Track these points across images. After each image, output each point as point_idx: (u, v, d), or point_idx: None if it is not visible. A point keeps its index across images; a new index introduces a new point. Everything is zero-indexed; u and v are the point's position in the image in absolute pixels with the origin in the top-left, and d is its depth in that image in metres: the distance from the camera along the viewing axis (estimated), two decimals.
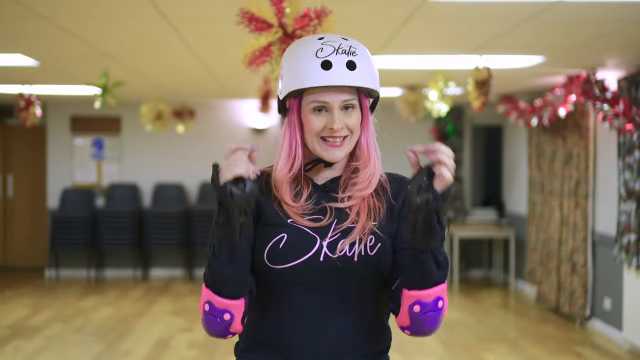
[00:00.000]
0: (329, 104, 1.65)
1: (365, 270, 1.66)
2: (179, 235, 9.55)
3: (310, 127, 1.67)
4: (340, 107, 1.66)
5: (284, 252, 1.65)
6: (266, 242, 1.67)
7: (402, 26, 4.39)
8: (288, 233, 1.66)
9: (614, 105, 5.80)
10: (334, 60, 1.63)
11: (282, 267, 1.65)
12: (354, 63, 1.64)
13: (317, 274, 1.65)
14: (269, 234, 1.68)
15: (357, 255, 1.65)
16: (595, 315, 6.93)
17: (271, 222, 1.69)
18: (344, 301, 1.67)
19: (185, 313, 7.61)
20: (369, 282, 1.68)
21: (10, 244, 10.43)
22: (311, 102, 1.66)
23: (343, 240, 1.66)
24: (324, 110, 1.66)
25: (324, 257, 1.65)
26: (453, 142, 9.71)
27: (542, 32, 4.63)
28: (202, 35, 4.70)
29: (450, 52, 5.38)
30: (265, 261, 1.66)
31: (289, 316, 1.68)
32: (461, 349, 6.26)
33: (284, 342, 1.68)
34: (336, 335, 1.67)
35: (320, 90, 1.65)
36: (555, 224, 7.58)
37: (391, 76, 6.67)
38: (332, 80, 1.62)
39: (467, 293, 8.87)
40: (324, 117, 1.66)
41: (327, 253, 1.65)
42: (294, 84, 1.66)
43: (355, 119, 1.68)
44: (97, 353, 6.06)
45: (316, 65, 1.63)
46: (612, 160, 6.50)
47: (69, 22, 4.34)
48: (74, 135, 9.92)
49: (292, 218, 1.68)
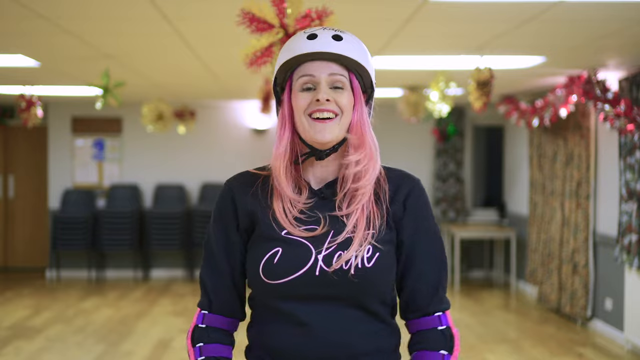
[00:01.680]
0: (315, 78, 1.62)
1: (362, 282, 1.61)
2: (179, 236, 9.55)
3: (298, 105, 1.63)
4: (327, 82, 1.62)
5: (279, 267, 1.61)
6: (261, 256, 1.64)
7: (403, 26, 4.39)
8: (283, 247, 1.63)
9: (615, 106, 5.79)
10: (320, 33, 1.63)
11: (278, 282, 1.62)
12: (340, 36, 1.63)
13: (313, 288, 1.61)
14: (263, 247, 1.65)
15: (354, 268, 1.60)
16: (596, 315, 6.93)
17: (266, 235, 1.66)
18: (345, 311, 1.64)
19: (186, 313, 7.61)
20: (368, 293, 1.64)
21: (11, 244, 10.43)
22: (299, 78, 1.63)
23: (339, 253, 1.61)
24: (313, 89, 1.63)
25: (320, 271, 1.61)
26: (454, 143, 9.71)
27: (543, 33, 4.62)
28: (202, 35, 4.70)
29: (451, 53, 5.37)
30: (261, 277, 1.63)
31: (292, 327, 1.65)
32: (462, 349, 6.25)
33: (288, 351, 1.66)
34: (341, 343, 1.64)
35: (307, 64, 1.63)
36: (557, 225, 7.57)
37: (392, 77, 6.67)
38: (315, 47, 1.61)
39: (468, 293, 8.86)
40: (311, 93, 1.63)
41: (323, 267, 1.61)
42: (282, 59, 1.66)
43: (346, 100, 1.63)
44: (97, 354, 6.06)
45: (303, 38, 1.64)
46: (614, 160, 6.50)
47: (69, 23, 4.34)
48: (75, 136, 9.93)
49: (286, 229, 1.64)
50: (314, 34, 1.63)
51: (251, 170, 1.78)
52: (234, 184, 1.75)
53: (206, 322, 1.76)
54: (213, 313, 1.76)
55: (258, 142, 9.88)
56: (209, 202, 9.70)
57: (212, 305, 1.76)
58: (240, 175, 1.78)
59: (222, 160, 9.92)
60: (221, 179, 9.92)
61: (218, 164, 9.92)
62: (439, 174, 9.56)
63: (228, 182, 1.78)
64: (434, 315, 1.71)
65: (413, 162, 9.54)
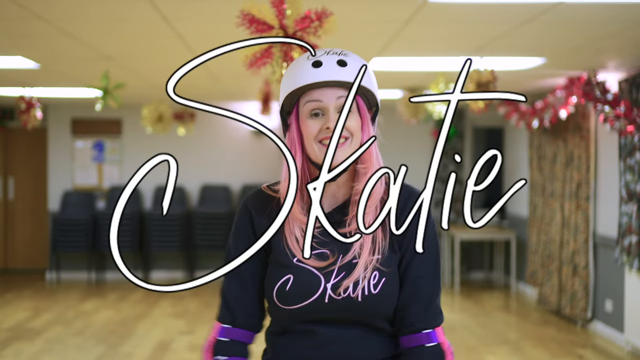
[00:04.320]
0: (323, 103, 1.64)
1: (369, 308, 1.67)
2: (179, 237, 9.54)
3: (308, 132, 1.66)
4: (336, 107, 1.64)
5: (291, 294, 1.68)
6: (275, 281, 1.70)
7: (403, 28, 4.39)
8: (294, 274, 1.68)
9: (615, 107, 5.79)
10: (325, 60, 1.65)
11: (290, 307, 1.69)
12: (345, 61, 1.65)
13: (323, 314, 1.68)
14: (276, 273, 1.71)
15: (361, 295, 1.66)
16: (596, 317, 6.92)
17: (279, 261, 1.71)
18: (353, 333, 1.71)
19: (186, 315, 7.60)
20: (376, 318, 1.71)
21: (11, 246, 10.43)
22: (306, 103, 1.66)
23: (346, 281, 1.66)
24: (321, 114, 1.65)
25: (329, 299, 1.67)
26: (454, 144, 9.71)
27: (543, 34, 4.62)
28: (202, 36, 4.70)
29: (451, 54, 5.37)
30: (275, 301, 1.70)
31: (302, 344, 1.73)
32: (462, 351, 6.25)
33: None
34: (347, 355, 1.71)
35: (314, 91, 1.65)
36: (557, 226, 7.57)
37: (392, 78, 6.67)
38: (321, 76, 1.63)
39: (468, 295, 8.86)
40: (320, 120, 1.65)
41: (331, 295, 1.67)
42: (288, 88, 1.68)
43: (354, 122, 1.66)
44: (97, 356, 6.06)
45: (307, 66, 1.65)
46: (613, 162, 6.50)
47: (69, 25, 4.34)
48: (75, 138, 9.92)
49: (297, 257, 1.68)
50: (319, 61, 1.64)
51: (265, 188, 1.79)
52: (250, 205, 1.79)
53: (230, 336, 1.79)
54: (237, 327, 1.79)
55: (257, 143, 9.88)
56: (209, 204, 9.70)
57: (236, 320, 1.78)
58: (256, 193, 1.81)
59: (222, 162, 9.92)
60: (221, 180, 9.92)
61: (218, 166, 9.92)
62: (438, 175, 9.54)
63: (245, 201, 1.81)
64: (422, 333, 1.72)
65: (412, 163, 9.47)
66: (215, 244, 9.54)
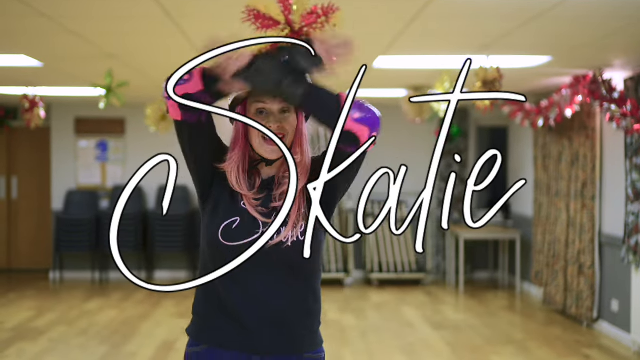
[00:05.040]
0: (268, 106, 2.02)
1: (298, 252, 1.93)
2: (183, 237, 9.52)
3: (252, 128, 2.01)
4: (278, 109, 2.02)
5: (235, 232, 1.98)
6: (222, 220, 2.03)
7: (409, 25, 4.36)
8: (240, 217, 2.02)
9: (622, 106, 5.76)
10: None
11: (232, 244, 1.98)
12: None
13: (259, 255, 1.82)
14: (224, 213, 2.04)
15: (291, 242, 1.99)
16: (602, 317, 6.88)
17: (228, 202, 2.05)
18: (284, 277, 2.02)
19: (189, 315, 7.53)
20: (303, 262, 1.92)
21: (15, 245, 10.41)
22: (253, 103, 2.03)
23: (280, 229, 1.96)
24: (264, 113, 2.03)
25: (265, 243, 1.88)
26: (458, 144, 9.67)
27: (549, 31, 4.59)
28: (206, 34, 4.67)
29: (457, 52, 5.34)
30: (220, 238, 2.01)
31: (239, 288, 2.02)
32: (468, 351, 6.21)
33: (235, 309, 2.03)
34: (278, 304, 2.02)
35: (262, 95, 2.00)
36: (562, 226, 7.53)
37: (397, 77, 6.64)
38: None
39: (473, 295, 8.82)
40: (263, 118, 2.01)
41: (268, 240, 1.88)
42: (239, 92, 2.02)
43: (291, 122, 2.04)
44: (101, 355, 6.03)
45: None
46: (619, 161, 6.46)
47: (72, 22, 4.31)
48: (78, 137, 9.91)
49: (245, 203, 2.03)
50: None
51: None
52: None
53: None
54: None
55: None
56: None
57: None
58: None
59: None
60: None
61: None
62: (442, 175, 9.51)
63: None
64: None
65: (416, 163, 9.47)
66: None
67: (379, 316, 7.64)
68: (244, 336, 2.04)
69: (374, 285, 9.43)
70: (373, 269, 9.52)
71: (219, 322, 2.08)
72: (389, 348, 6.30)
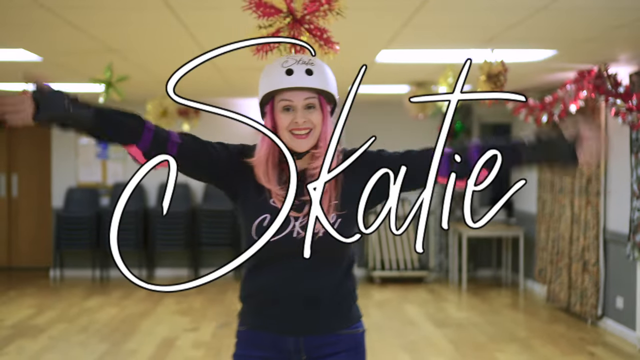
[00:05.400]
0: (294, 103, 2.10)
1: (328, 242, 2.01)
2: (184, 235, 9.47)
3: (281, 123, 2.11)
4: (303, 105, 2.10)
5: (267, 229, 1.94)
6: (254, 218, 2.13)
7: (412, 16, 4.30)
8: (270, 214, 2.10)
9: (627, 101, 5.70)
10: (295, 68, 2.10)
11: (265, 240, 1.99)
12: (312, 71, 2.10)
13: (292, 248, 2.06)
14: (256, 212, 2.14)
15: (322, 232, 2.06)
16: (607, 314, 6.82)
17: (258, 201, 2.14)
18: (317, 264, 2.10)
19: (191, 313, 7.52)
20: (333, 251, 2.14)
21: (15, 243, 10.37)
22: (280, 101, 2.12)
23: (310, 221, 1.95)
24: (291, 110, 2.11)
25: (297, 234, 2.11)
26: (461, 140, 9.61)
27: (554, 24, 4.53)
28: (209, 28, 4.62)
29: (461, 46, 5.28)
30: (253, 235, 2.11)
31: (275, 274, 2.17)
32: (471, 349, 6.15)
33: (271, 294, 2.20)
34: (311, 289, 2.18)
35: (286, 92, 2.10)
36: (566, 222, 7.47)
37: (400, 72, 6.58)
38: (293, 82, 2.09)
39: (476, 293, 8.76)
40: (290, 114, 2.11)
41: (299, 232, 2.12)
42: (266, 89, 2.14)
43: (317, 117, 2.12)
44: (101, 353, 5.98)
45: (282, 73, 2.10)
46: (625, 156, 6.39)
47: (72, 14, 4.25)
48: (79, 134, 9.84)
49: (274, 200, 2.13)
50: (291, 69, 2.10)
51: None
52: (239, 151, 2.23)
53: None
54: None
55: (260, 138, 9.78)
56: (214, 201, 9.62)
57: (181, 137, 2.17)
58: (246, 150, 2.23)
59: None
60: None
61: None
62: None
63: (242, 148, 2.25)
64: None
65: None
66: (220, 242, 9.46)
67: (381, 314, 7.58)
68: (280, 319, 2.21)
69: (376, 283, 9.37)
70: (375, 267, 9.46)
71: (258, 307, 2.26)
72: (392, 346, 6.24)
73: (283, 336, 2.22)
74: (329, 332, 2.24)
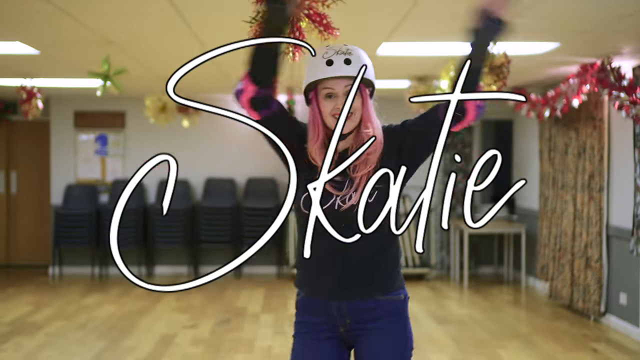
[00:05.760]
0: (335, 90, 2.33)
1: (368, 214, 2.08)
2: (184, 232, 9.41)
3: (325, 109, 2.36)
4: (343, 92, 2.33)
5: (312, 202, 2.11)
6: (303, 192, 2.28)
7: (412, 7, 4.23)
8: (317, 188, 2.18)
9: (631, 94, 5.64)
10: (335, 59, 2.31)
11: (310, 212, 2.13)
12: (350, 60, 2.31)
13: (334, 218, 2.15)
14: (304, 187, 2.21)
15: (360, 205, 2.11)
16: (610, 310, 6.75)
17: (307, 178, 2.23)
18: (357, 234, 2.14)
19: (190, 310, 7.45)
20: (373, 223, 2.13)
21: (14, 240, 10.31)
22: (322, 89, 2.35)
23: (351, 195, 2.34)
24: (333, 96, 2.34)
25: (338, 206, 2.34)
26: (462, 137, 9.54)
27: (558, 14, 4.46)
28: (208, 22, 4.56)
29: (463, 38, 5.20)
30: (302, 207, 2.35)
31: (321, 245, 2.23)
32: (473, 346, 6.09)
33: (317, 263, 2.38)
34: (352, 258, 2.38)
35: (328, 81, 2.33)
36: (569, 219, 7.40)
37: (401, 66, 6.51)
38: (333, 72, 2.31)
39: (477, 290, 8.70)
40: (332, 100, 2.35)
41: (340, 204, 2.35)
42: (310, 79, 2.36)
43: (357, 101, 2.34)
44: (99, 350, 5.92)
45: (323, 63, 2.32)
46: (628, 151, 6.33)
47: (69, 4, 4.19)
48: (78, 131, 9.80)
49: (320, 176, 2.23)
50: (331, 60, 2.31)
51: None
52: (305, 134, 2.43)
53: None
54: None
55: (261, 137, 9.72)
56: (214, 198, 9.56)
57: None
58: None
59: (227, 155, 9.78)
60: (226, 173, 9.78)
61: (223, 159, 9.79)
62: (446, 168, 9.40)
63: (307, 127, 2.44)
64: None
65: None
66: (220, 239, 9.40)
67: None
68: (325, 285, 2.44)
69: None
70: None
71: (308, 276, 2.50)
72: None
73: (328, 300, 2.44)
74: (367, 298, 2.43)
